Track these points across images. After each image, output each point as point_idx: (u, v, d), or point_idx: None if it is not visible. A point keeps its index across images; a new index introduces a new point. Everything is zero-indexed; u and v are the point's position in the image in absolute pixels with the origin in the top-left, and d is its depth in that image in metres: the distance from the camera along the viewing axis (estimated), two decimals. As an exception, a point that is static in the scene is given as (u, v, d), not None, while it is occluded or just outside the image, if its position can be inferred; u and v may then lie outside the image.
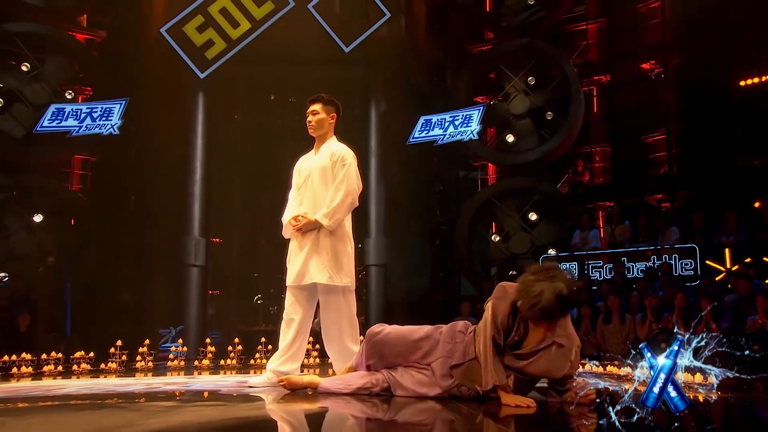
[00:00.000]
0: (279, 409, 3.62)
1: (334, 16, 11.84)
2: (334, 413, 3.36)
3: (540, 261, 10.28)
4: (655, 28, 11.83)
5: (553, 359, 3.30)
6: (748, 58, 10.93)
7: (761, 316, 6.68)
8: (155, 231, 11.31)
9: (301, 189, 4.66)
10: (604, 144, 12.14)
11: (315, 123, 4.68)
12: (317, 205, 4.54)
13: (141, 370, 6.59)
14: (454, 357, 3.47)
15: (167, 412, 3.37)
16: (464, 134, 10.97)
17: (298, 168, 4.79)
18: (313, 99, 4.78)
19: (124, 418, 3.25)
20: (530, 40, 11.65)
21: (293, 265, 4.57)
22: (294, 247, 4.61)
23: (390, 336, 3.74)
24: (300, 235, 4.55)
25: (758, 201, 9.44)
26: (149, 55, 11.71)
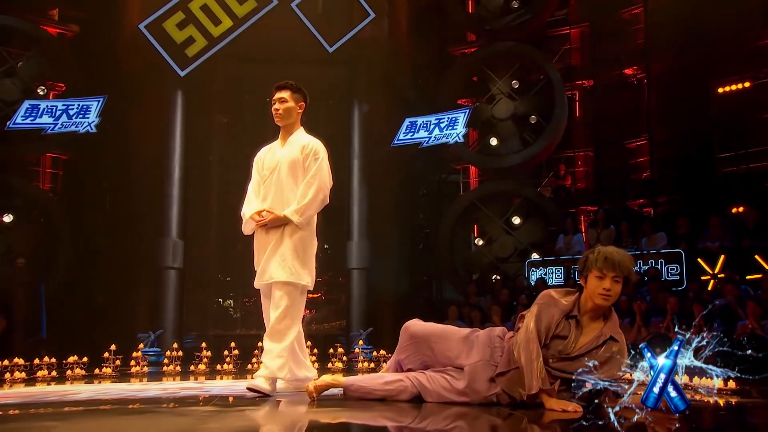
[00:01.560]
0: (327, 414, 3.50)
1: (317, 15, 11.78)
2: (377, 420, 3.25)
3: (525, 265, 10.40)
4: (637, 34, 12.05)
5: (610, 359, 3.25)
6: (726, 66, 11.20)
7: (751, 320, 6.84)
8: (131, 232, 11.10)
9: (266, 182, 4.37)
10: (586, 148, 12.30)
11: (283, 111, 4.36)
12: (284, 200, 4.28)
13: (136, 375, 6.45)
14: (499, 364, 3.43)
15: (216, 417, 3.31)
16: (450, 137, 11.02)
17: (261, 159, 4.48)
18: (280, 86, 4.45)
19: (178, 422, 3.20)
20: (515, 44, 11.76)
21: (258, 265, 4.33)
22: (258, 246, 4.35)
23: (429, 330, 3.71)
24: (263, 231, 4.28)
25: (741, 207, 9.66)
26: (126, 52, 11.49)
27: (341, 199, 11.20)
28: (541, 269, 10.07)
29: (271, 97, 4.48)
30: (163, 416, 3.42)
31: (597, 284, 3.28)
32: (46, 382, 5.84)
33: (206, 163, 12.14)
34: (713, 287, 8.40)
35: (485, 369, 3.46)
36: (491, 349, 3.50)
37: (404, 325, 3.85)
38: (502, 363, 3.42)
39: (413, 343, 3.73)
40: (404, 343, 3.77)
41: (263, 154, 4.49)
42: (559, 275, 9.86)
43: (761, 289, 7.67)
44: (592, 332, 3.35)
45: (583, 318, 3.38)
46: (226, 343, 7.84)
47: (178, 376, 6.48)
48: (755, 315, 6.84)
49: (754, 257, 8.31)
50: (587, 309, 3.35)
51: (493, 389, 3.43)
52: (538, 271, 10.09)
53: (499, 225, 11.56)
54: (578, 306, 3.37)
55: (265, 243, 4.28)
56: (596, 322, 3.38)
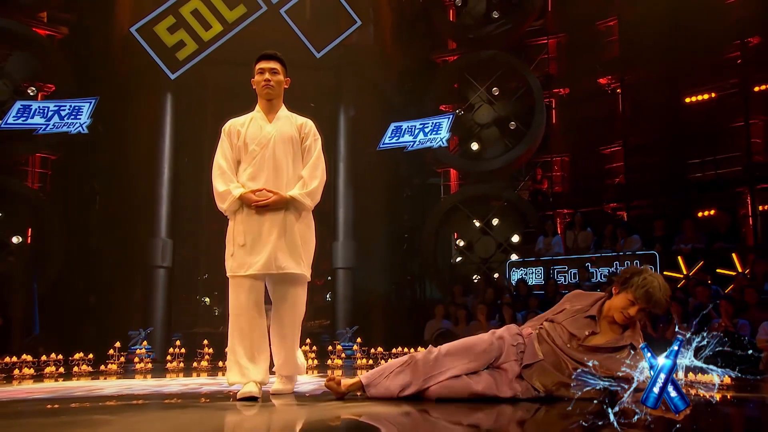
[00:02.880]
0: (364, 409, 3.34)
1: (305, 22, 11.79)
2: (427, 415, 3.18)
3: (507, 266, 10.55)
4: (612, 45, 12.31)
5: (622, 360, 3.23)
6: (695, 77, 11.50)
7: (724, 319, 7.05)
8: (122, 232, 11.02)
9: (255, 159, 3.79)
10: (562, 154, 12.52)
11: (275, 83, 3.87)
12: (281, 179, 3.79)
13: (141, 371, 6.42)
14: (524, 358, 3.43)
15: (264, 412, 3.27)
16: (434, 141, 11.12)
17: (239, 132, 3.86)
18: (269, 55, 3.94)
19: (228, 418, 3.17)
20: (496, 52, 11.91)
21: (252, 250, 3.70)
22: (248, 228, 3.72)
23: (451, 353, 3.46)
24: (256, 212, 3.72)
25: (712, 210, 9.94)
26: (117, 54, 11.41)
27: (327, 200, 11.24)
28: (522, 269, 10.23)
29: (254, 66, 3.96)
30: (207, 411, 3.39)
31: (624, 305, 3.34)
32: (53, 378, 5.81)
33: (195, 164, 12.08)
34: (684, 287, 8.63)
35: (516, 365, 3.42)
36: (516, 345, 3.49)
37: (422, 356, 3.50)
38: (527, 356, 3.43)
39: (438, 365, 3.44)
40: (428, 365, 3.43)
41: (242, 127, 3.88)
42: (539, 275, 10.04)
43: (733, 289, 7.93)
44: (609, 335, 3.40)
45: (602, 321, 3.43)
46: (212, 341, 7.87)
47: (181, 372, 6.47)
48: (728, 314, 7.05)
49: (725, 258, 8.57)
50: (608, 315, 3.42)
51: (523, 382, 3.42)
52: (518, 272, 10.26)
53: (481, 226, 11.69)
54: (601, 309, 3.45)
55: (258, 226, 3.72)
56: (614, 326, 3.41)
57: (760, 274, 8.04)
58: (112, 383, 5.27)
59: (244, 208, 3.75)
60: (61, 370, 6.20)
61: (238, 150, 3.85)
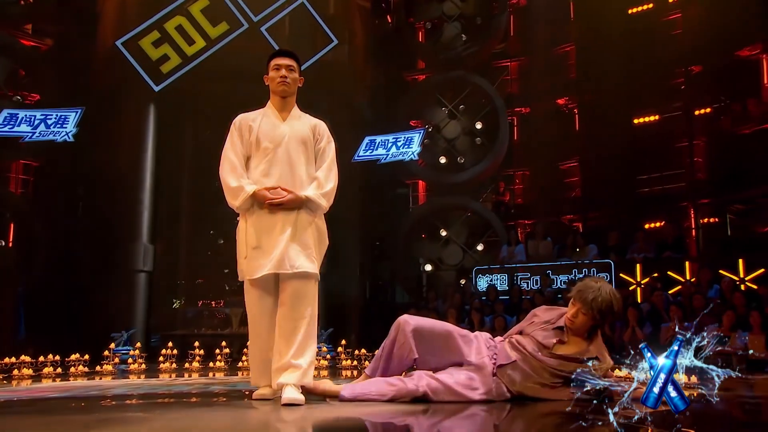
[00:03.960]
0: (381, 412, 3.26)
1: (284, 39, 11.99)
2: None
3: (473, 273, 10.93)
4: (569, 69, 12.88)
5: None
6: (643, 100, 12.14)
7: (674, 323, 7.54)
8: (105, 237, 10.99)
9: (269, 156, 3.60)
10: (523, 168, 13.01)
11: (291, 80, 3.69)
12: (294, 179, 3.60)
13: (135, 372, 6.52)
14: (498, 358, 3.54)
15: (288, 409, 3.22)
16: (405, 155, 11.45)
17: (250, 127, 3.67)
18: (286, 52, 3.80)
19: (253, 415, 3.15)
20: (463, 73, 12.35)
21: (268, 251, 3.50)
22: (261, 227, 3.53)
23: (432, 326, 3.60)
24: (269, 211, 3.54)
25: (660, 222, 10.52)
26: (102, 66, 11.42)
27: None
28: (488, 276, 10.62)
29: (267, 64, 3.79)
30: (231, 409, 3.39)
31: (572, 312, 3.54)
32: (51, 379, 5.88)
33: (176, 172, 12.15)
34: (636, 293, 9.15)
35: (489, 366, 3.52)
36: (488, 348, 3.61)
37: (400, 321, 3.61)
38: (501, 357, 3.55)
39: (416, 339, 3.53)
40: (404, 338, 3.54)
41: (254, 122, 3.68)
42: (504, 282, 10.45)
43: (681, 295, 8.45)
44: (576, 346, 3.54)
45: (567, 332, 3.58)
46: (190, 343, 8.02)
47: (174, 372, 6.59)
48: (678, 318, 7.54)
49: (673, 267, 9.11)
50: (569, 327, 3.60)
51: (492, 384, 3.49)
52: (485, 278, 10.65)
53: (448, 235, 12.06)
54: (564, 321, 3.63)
55: (270, 225, 3.53)
56: (580, 337, 3.57)
57: (704, 282, 8.59)
58: (119, 382, 5.37)
59: (255, 206, 3.57)
60: (58, 371, 6.26)
61: (248, 145, 3.65)
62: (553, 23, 12.91)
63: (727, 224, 11.13)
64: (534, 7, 13.27)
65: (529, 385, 3.50)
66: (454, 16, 12.66)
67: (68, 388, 4.87)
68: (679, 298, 8.30)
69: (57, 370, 6.26)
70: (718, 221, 11.38)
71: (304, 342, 3.45)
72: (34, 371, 6.07)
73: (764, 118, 10.75)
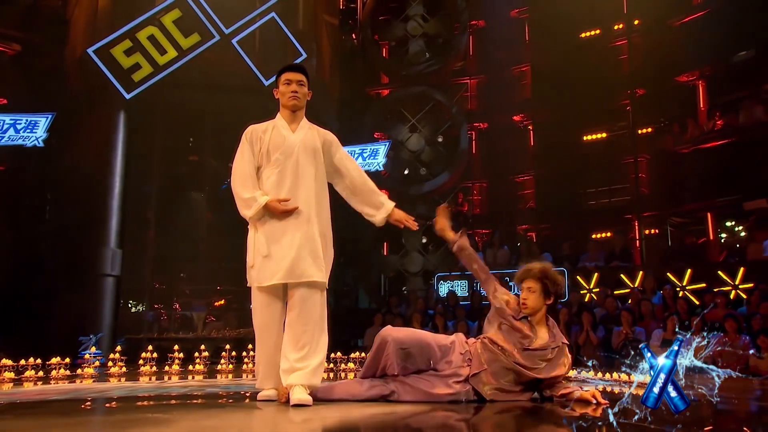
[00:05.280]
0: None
1: (255, 52, 12.01)
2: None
3: (435, 278, 11.14)
4: (525, 88, 13.28)
5: (560, 359, 3.62)
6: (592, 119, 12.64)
7: (625, 327, 7.88)
8: (72, 241, 10.76)
9: (280, 167, 3.59)
10: (481, 181, 13.32)
11: (301, 95, 3.74)
12: (306, 189, 3.60)
13: (115, 375, 6.44)
14: (472, 366, 3.63)
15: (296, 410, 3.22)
16: (371, 165, 11.59)
17: (262, 139, 3.66)
18: (295, 67, 3.84)
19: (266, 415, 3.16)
20: (425, 88, 12.60)
21: (278, 259, 3.48)
22: (276, 236, 3.52)
23: (413, 336, 3.68)
24: (278, 219, 3.53)
25: (608, 233, 10.95)
26: (72, 73, 11.19)
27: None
28: (449, 282, 10.84)
29: (278, 77, 3.81)
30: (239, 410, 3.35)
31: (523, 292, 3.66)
32: (32, 382, 5.76)
33: (146, 178, 11.99)
34: (590, 300, 9.51)
35: (461, 371, 3.62)
36: (463, 354, 3.70)
37: (383, 334, 3.68)
38: (475, 365, 3.63)
39: (398, 355, 3.61)
40: (390, 350, 3.61)
41: (264, 134, 3.67)
42: (464, 288, 10.68)
43: (629, 301, 8.83)
44: (545, 335, 3.69)
45: (531, 320, 3.70)
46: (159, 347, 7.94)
47: (153, 375, 6.53)
48: (628, 322, 7.89)
49: (620, 275, 9.51)
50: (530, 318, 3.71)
51: (465, 387, 3.58)
52: (446, 284, 10.86)
53: (410, 243, 12.25)
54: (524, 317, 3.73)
55: (281, 234, 3.52)
56: (542, 326, 3.72)
57: (649, 289, 9.00)
58: (111, 385, 5.29)
59: (266, 215, 3.56)
60: (40, 374, 6.13)
61: (260, 156, 3.65)
62: (509, 44, 13.30)
63: (667, 235, 11.66)
64: (492, 28, 13.65)
65: (496, 392, 3.59)
66: (417, 35, 12.92)
67: (64, 390, 4.80)
68: (628, 303, 8.67)
69: (39, 374, 6.12)
70: (659, 233, 11.92)
71: (312, 344, 3.46)
72: (15, 374, 5.94)
73: (701, 139, 11.33)
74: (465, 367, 3.65)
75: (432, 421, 3.07)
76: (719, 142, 11.08)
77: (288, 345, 3.46)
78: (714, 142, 11.15)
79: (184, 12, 11.50)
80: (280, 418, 3.08)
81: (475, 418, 3.19)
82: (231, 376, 6.39)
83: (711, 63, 11.32)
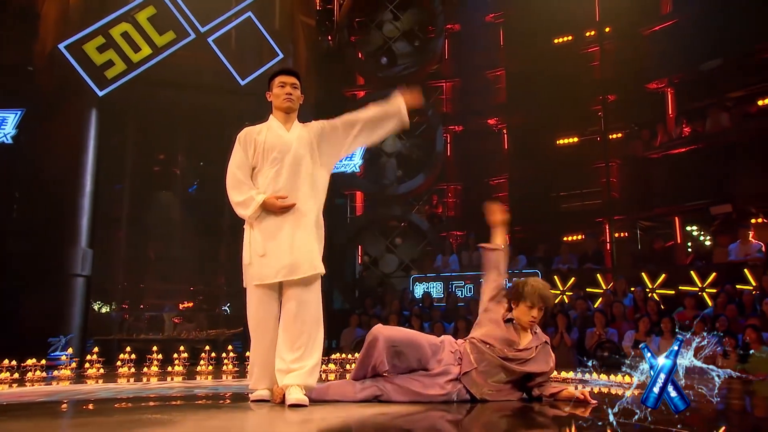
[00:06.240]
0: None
1: (231, 51, 11.88)
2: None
3: (410, 281, 11.16)
4: (499, 92, 13.39)
5: (548, 357, 3.74)
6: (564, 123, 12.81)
7: (598, 328, 8.00)
8: (42, 240, 10.50)
9: (277, 166, 3.64)
10: (456, 183, 13.39)
11: (296, 98, 3.82)
12: (303, 185, 3.65)
13: (92, 377, 6.29)
14: (462, 365, 3.68)
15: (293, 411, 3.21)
16: (347, 167, 11.57)
17: (256, 141, 3.70)
18: (288, 71, 3.90)
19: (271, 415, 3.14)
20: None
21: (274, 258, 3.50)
22: (273, 234, 3.55)
23: (404, 336, 3.72)
24: (278, 217, 3.57)
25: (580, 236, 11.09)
26: (43, 68, 10.92)
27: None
28: (424, 284, 10.88)
29: (272, 80, 3.88)
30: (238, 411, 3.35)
31: (527, 312, 3.70)
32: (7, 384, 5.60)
33: (117, 177, 11.77)
34: (561, 301, 9.64)
35: (452, 370, 3.68)
36: (453, 353, 3.75)
37: (374, 332, 3.72)
38: (465, 364, 3.69)
39: (389, 353, 3.63)
40: (380, 348, 3.64)
41: (259, 136, 3.71)
42: (439, 289, 10.73)
43: (601, 303, 8.97)
44: (528, 336, 3.79)
45: (516, 324, 3.78)
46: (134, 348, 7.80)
47: (132, 377, 6.41)
48: (601, 324, 8.01)
49: (593, 277, 9.66)
50: (518, 325, 3.79)
51: (456, 387, 3.63)
52: (421, 286, 10.89)
53: (385, 244, 12.25)
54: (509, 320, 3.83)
55: (278, 230, 3.56)
56: (524, 331, 3.80)
57: (620, 291, 9.16)
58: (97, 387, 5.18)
59: (263, 214, 3.58)
60: (15, 376, 5.97)
61: (255, 158, 3.69)
62: (484, 49, 13.39)
63: (637, 239, 11.87)
64: (467, 32, 13.72)
65: (487, 391, 3.65)
66: (393, 37, 12.94)
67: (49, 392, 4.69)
68: (601, 306, 8.81)
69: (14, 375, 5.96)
70: (629, 236, 12.12)
71: (309, 344, 3.45)
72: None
73: (670, 145, 11.56)
74: (456, 365, 3.70)
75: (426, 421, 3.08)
76: (687, 149, 11.31)
77: (284, 345, 3.46)
78: (682, 149, 11.37)
79: (159, 9, 11.32)
80: (280, 418, 3.08)
81: (467, 419, 3.21)
82: (211, 377, 6.30)
83: (680, 71, 11.56)
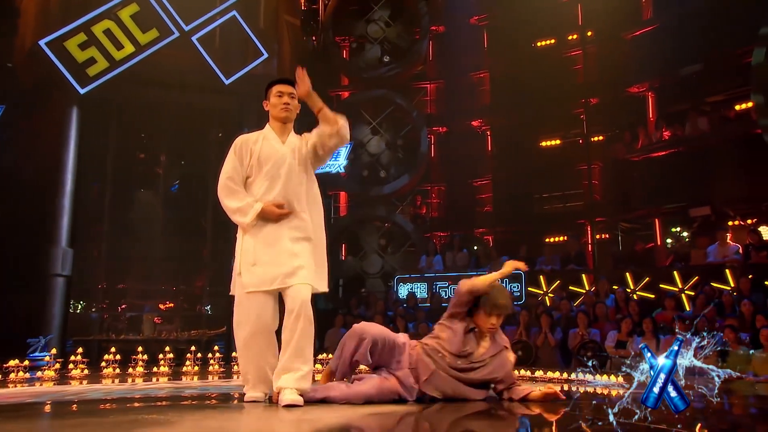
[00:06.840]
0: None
1: (215, 50, 11.78)
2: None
3: (394, 282, 11.17)
4: (483, 94, 13.46)
5: (504, 362, 3.78)
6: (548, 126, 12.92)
7: (581, 329, 8.09)
8: (21, 239, 10.32)
9: (271, 176, 3.63)
10: (440, 184, 13.43)
11: (293, 107, 3.82)
12: (296, 196, 3.63)
13: (77, 377, 6.20)
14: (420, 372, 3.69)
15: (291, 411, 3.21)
16: (332, 167, 11.55)
17: (251, 150, 3.67)
18: (286, 80, 3.86)
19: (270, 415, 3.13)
20: (386, 91, 12.63)
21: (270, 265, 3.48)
22: (269, 242, 3.52)
23: (384, 333, 3.77)
24: (275, 224, 3.54)
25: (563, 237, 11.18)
26: (23, 64, 10.74)
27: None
28: (409, 284, 10.89)
29: (269, 89, 3.85)
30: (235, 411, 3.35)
31: (486, 320, 3.76)
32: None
33: (99, 176, 11.61)
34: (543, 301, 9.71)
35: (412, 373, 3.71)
36: (409, 355, 3.77)
37: (357, 328, 3.78)
38: (422, 371, 3.69)
39: (370, 344, 3.68)
40: (360, 343, 3.70)
41: (254, 145, 3.68)
42: (424, 290, 10.75)
43: (584, 303, 9.07)
44: (487, 343, 3.83)
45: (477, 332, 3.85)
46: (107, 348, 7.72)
47: (117, 378, 6.32)
48: (584, 324, 8.10)
49: (581, 277, 9.75)
50: (478, 332, 3.84)
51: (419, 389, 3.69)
52: (405, 286, 10.91)
53: (370, 245, 12.25)
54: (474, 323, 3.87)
55: (275, 238, 3.54)
56: (485, 336, 3.84)
57: (602, 292, 9.26)
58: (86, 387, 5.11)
59: (260, 222, 3.55)
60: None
61: (249, 167, 3.66)
62: (469, 51, 13.46)
63: (618, 241, 12.02)
64: (452, 34, 13.77)
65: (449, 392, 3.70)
66: (378, 38, 12.95)
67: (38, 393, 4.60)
68: (583, 306, 8.90)
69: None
70: (610, 237, 12.27)
71: (302, 348, 3.43)
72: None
73: (650, 148, 11.71)
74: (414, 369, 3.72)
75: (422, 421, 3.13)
76: (667, 152, 11.48)
77: (282, 348, 3.46)
78: (662, 152, 11.54)
79: (142, 7, 11.18)
80: (276, 417, 3.09)
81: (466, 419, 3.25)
82: (197, 378, 6.25)
83: (660, 75, 11.72)
